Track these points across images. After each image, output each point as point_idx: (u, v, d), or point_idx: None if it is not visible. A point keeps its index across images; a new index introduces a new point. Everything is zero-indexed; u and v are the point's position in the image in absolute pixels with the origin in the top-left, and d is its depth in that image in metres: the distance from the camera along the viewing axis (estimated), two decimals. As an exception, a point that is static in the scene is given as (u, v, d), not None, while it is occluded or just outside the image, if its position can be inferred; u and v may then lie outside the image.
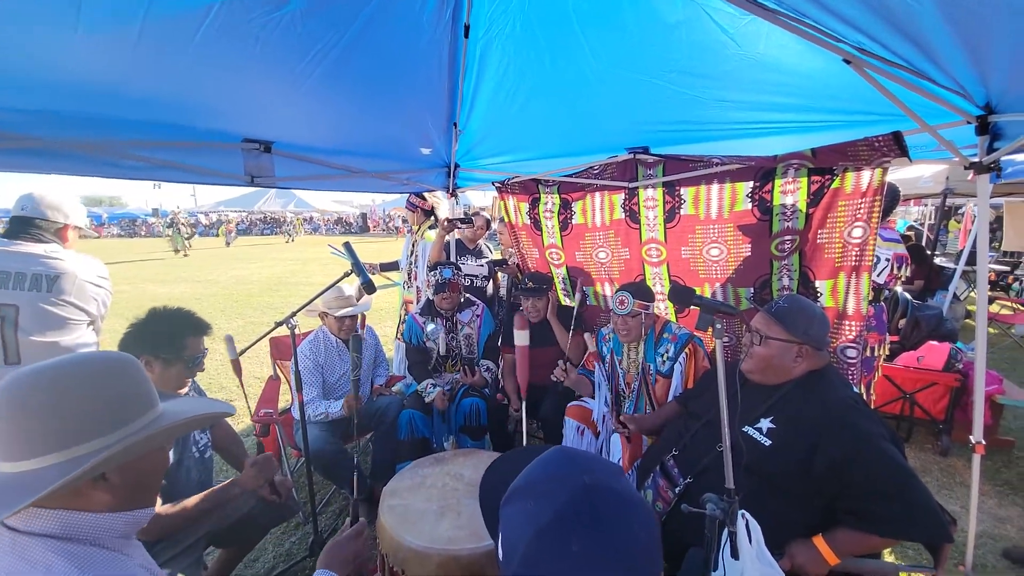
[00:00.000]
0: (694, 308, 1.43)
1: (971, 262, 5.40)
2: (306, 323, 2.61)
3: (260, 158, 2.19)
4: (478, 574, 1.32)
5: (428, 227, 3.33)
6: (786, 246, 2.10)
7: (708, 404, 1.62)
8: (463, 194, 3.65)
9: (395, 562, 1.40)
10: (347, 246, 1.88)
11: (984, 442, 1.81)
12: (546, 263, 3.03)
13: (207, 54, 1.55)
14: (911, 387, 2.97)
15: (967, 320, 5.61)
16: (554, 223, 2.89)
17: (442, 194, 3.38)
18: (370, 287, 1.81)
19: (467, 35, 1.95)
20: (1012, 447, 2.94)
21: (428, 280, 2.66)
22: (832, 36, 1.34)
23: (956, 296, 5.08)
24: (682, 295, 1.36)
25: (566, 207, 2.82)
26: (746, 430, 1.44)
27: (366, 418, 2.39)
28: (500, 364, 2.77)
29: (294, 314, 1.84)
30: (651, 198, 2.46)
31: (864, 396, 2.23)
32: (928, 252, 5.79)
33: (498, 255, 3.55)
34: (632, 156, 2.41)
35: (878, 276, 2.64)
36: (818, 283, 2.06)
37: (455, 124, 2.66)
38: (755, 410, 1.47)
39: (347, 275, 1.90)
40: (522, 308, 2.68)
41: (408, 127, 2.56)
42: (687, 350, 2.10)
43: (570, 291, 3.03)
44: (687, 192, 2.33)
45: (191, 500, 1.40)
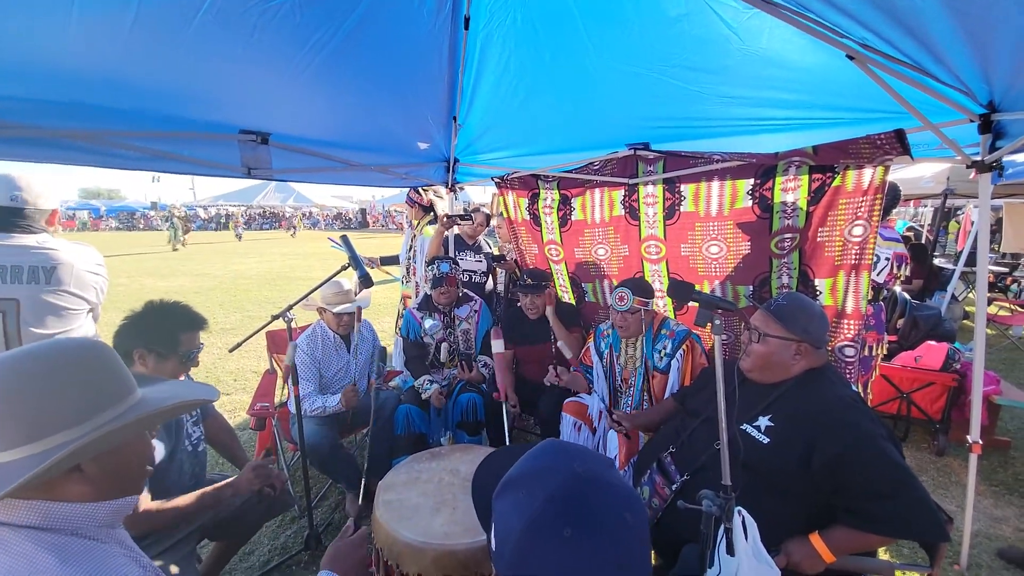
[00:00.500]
0: (692, 305, 1.43)
1: (970, 263, 5.40)
2: (304, 317, 2.60)
3: (257, 150, 2.17)
4: (473, 569, 1.32)
5: (427, 222, 3.32)
6: (786, 244, 2.09)
7: (706, 401, 1.61)
8: (463, 190, 3.64)
9: (390, 557, 1.39)
10: (344, 239, 1.87)
11: (981, 442, 1.82)
12: (545, 259, 3.02)
13: (203, 43, 1.53)
14: (908, 387, 2.97)
15: (965, 321, 5.62)
16: (553, 219, 2.88)
17: (442, 190, 3.37)
18: (367, 281, 1.80)
19: (467, 27, 1.93)
20: (1008, 447, 2.94)
21: (426, 275, 2.65)
22: (835, 31, 1.33)
23: (955, 297, 5.08)
24: (681, 290, 1.35)
25: (566, 203, 2.80)
26: (744, 428, 1.44)
27: (363, 413, 2.39)
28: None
29: (290, 307, 1.83)
30: (651, 195, 2.45)
31: (861, 395, 2.23)
32: (929, 252, 5.79)
33: (496, 251, 3.54)
34: (632, 152, 2.40)
35: (877, 275, 2.64)
36: (817, 281, 2.05)
37: (455, 118, 2.65)
38: (754, 408, 1.47)
39: (344, 268, 1.89)
40: (520, 304, 2.67)
41: (407, 120, 2.55)
42: (684, 346, 2.10)
43: (568, 287, 3.02)
44: (687, 189, 2.32)
45: (184, 499, 1.38)
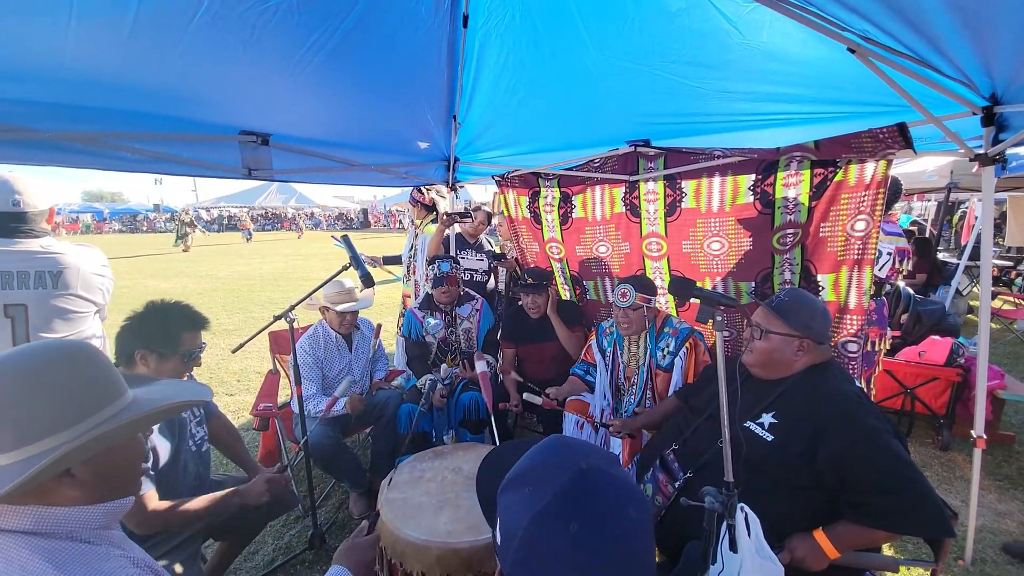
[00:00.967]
0: (694, 303, 1.42)
1: (974, 257, 5.38)
2: (306, 318, 2.60)
3: (257, 151, 2.17)
4: (476, 567, 1.32)
5: (430, 221, 3.33)
6: (788, 239, 2.08)
7: (709, 399, 1.61)
8: (463, 188, 3.64)
9: (393, 555, 1.40)
10: (345, 239, 1.87)
11: (985, 437, 1.81)
12: (546, 257, 3.02)
13: (202, 44, 1.53)
14: (912, 382, 2.96)
15: (969, 315, 5.59)
16: (554, 217, 2.87)
17: (443, 189, 3.37)
18: (368, 280, 1.80)
19: (466, 25, 1.93)
20: (1013, 442, 2.93)
21: (427, 274, 2.65)
22: (837, 24, 1.32)
23: (959, 291, 5.06)
24: (683, 287, 1.34)
25: (566, 201, 2.80)
26: (748, 425, 1.43)
27: (365, 412, 2.39)
28: (499, 358, 2.77)
29: (293, 308, 1.83)
30: (652, 191, 2.44)
31: (865, 390, 2.22)
32: (933, 246, 5.77)
33: (498, 249, 3.54)
34: (633, 149, 2.39)
35: (880, 270, 2.62)
36: (820, 277, 2.04)
37: (454, 117, 2.64)
38: (757, 405, 1.46)
39: (345, 268, 1.89)
40: (521, 303, 2.67)
41: (407, 120, 2.54)
42: (687, 344, 2.09)
43: (570, 285, 3.02)
44: (688, 185, 2.31)
45: (193, 503, 1.39)
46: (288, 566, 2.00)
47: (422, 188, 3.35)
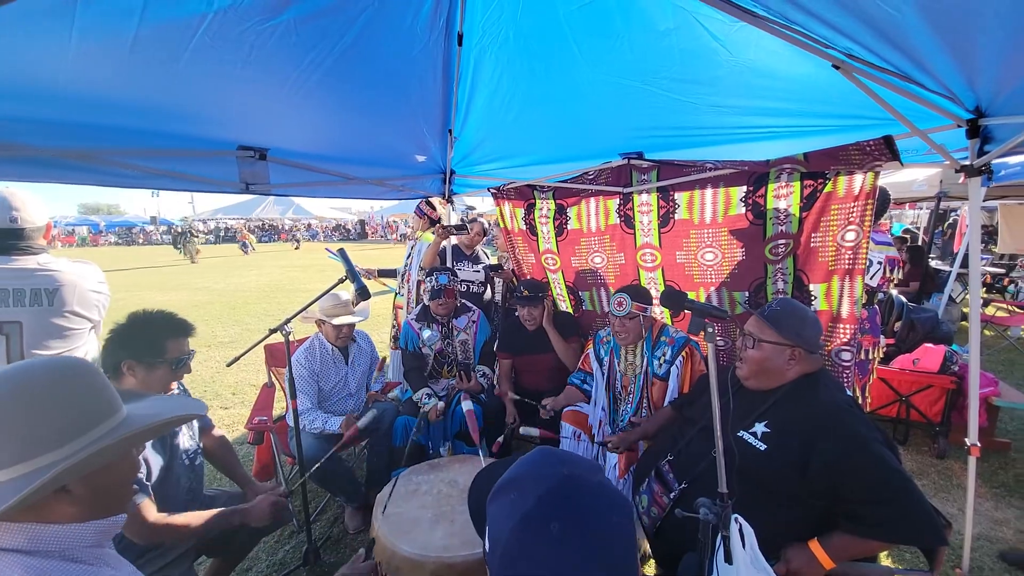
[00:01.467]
0: (688, 313, 1.43)
1: (966, 264, 5.43)
2: (303, 330, 2.60)
3: (255, 165, 2.19)
4: (472, 582, 1.31)
5: (428, 229, 3.33)
6: (780, 250, 2.11)
7: (703, 409, 1.62)
8: (462, 199, 3.66)
9: (389, 570, 1.39)
10: (342, 252, 1.88)
11: (980, 444, 1.82)
12: (542, 268, 3.04)
13: (201, 62, 1.56)
14: (907, 389, 2.97)
15: (963, 322, 5.62)
16: (550, 228, 2.90)
17: (448, 208, 3.38)
18: (364, 293, 1.81)
19: (460, 43, 1.96)
20: (1008, 449, 2.93)
21: (424, 285, 2.66)
22: (821, 42, 1.35)
23: (952, 298, 5.10)
24: (673, 299, 1.36)
25: (561, 212, 2.83)
26: (741, 435, 1.44)
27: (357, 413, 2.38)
28: (496, 370, 2.77)
29: (288, 321, 1.84)
30: (646, 203, 2.47)
31: (859, 399, 2.23)
32: (925, 254, 5.81)
33: (495, 260, 3.55)
34: (626, 161, 2.43)
35: (871, 279, 2.65)
36: (812, 287, 2.06)
37: (450, 131, 2.68)
38: (750, 415, 1.47)
39: (341, 281, 1.90)
40: (518, 314, 2.68)
41: (403, 134, 2.58)
42: (684, 353, 2.11)
43: (566, 296, 3.03)
44: (681, 197, 2.34)
45: (193, 518, 1.38)
46: (283, 583, 1.97)
47: (432, 203, 3.34)
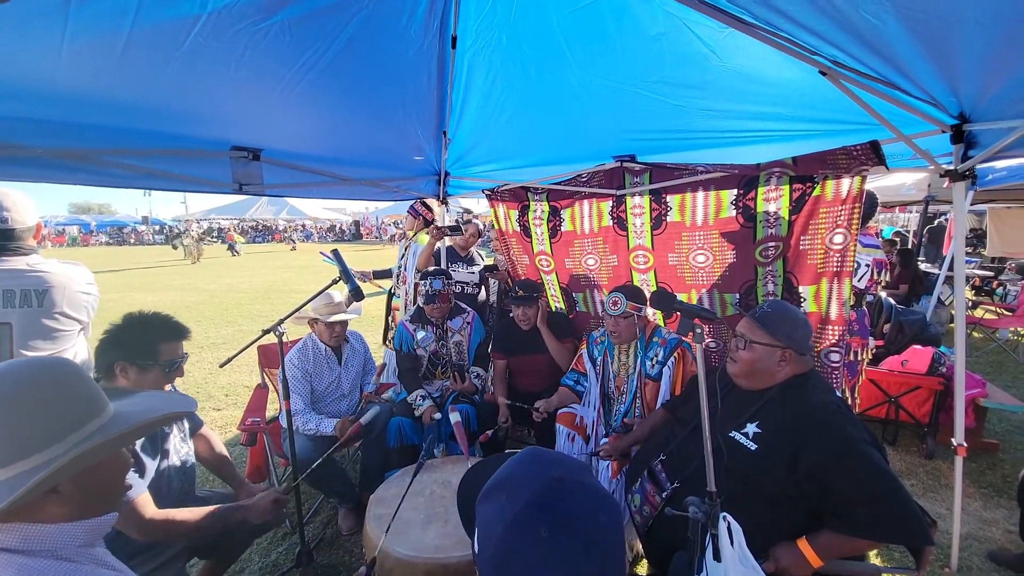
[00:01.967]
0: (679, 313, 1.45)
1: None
2: (296, 331, 2.59)
3: (249, 166, 2.19)
4: (464, 582, 1.32)
5: (422, 231, 3.34)
6: (770, 252, 2.13)
7: (695, 410, 1.63)
8: (458, 201, 3.67)
9: (381, 571, 1.39)
10: (335, 253, 1.88)
11: (966, 444, 1.84)
12: (536, 270, 3.05)
13: (195, 63, 1.56)
14: (896, 391, 3.01)
15: (951, 324, 5.70)
16: (543, 230, 2.91)
17: (442, 209, 3.40)
18: (358, 294, 1.81)
19: (455, 46, 1.98)
20: (997, 450, 2.98)
21: (419, 288, 2.66)
22: (807, 49, 1.38)
23: (940, 301, 5.17)
24: (663, 300, 1.38)
25: (555, 214, 2.84)
26: (732, 435, 1.46)
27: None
28: (490, 371, 2.77)
29: (282, 321, 1.83)
30: (638, 205, 2.50)
31: (849, 400, 2.26)
32: (915, 257, 5.90)
33: (491, 261, 3.56)
34: (619, 164, 2.45)
35: (859, 281, 2.69)
36: (801, 289, 2.09)
37: (444, 133, 2.69)
38: (741, 415, 1.49)
39: (335, 282, 1.91)
40: (513, 314, 2.70)
41: (398, 136, 2.58)
42: (676, 354, 2.13)
43: (560, 297, 3.05)
44: (673, 199, 2.37)
45: (192, 514, 1.37)
46: (275, 584, 1.96)
47: (427, 203, 3.35)
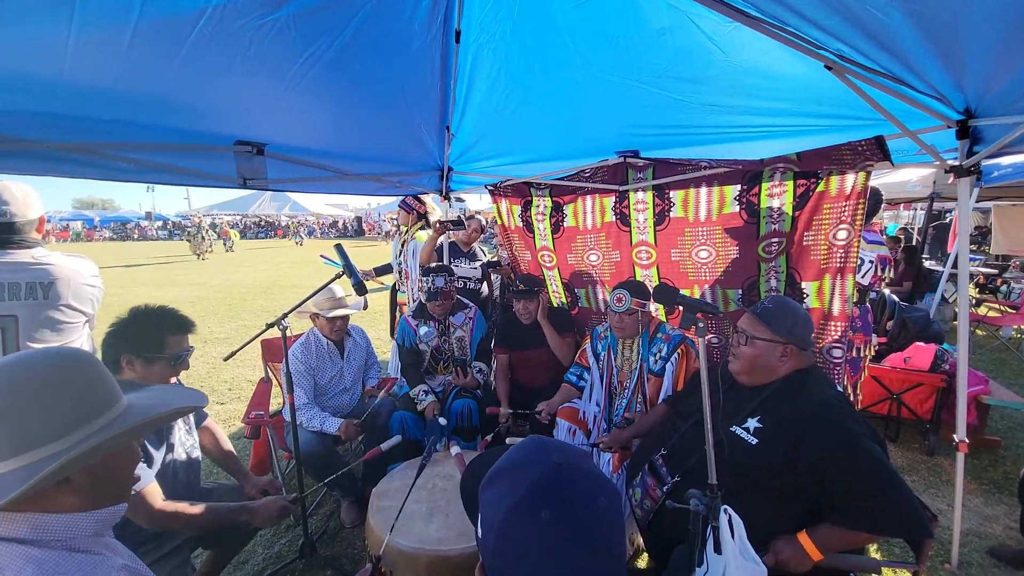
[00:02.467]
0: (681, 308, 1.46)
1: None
2: (299, 325, 2.61)
3: (253, 160, 2.19)
4: (466, 574, 1.33)
5: (419, 228, 3.34)
6: (773, 248, 2.13)
7: (698, 404, 1.63)
8: (460, 197, 3.67)
9: (385, 564, 1.40)
10: (338, 248, 1.89)
11: (968, 441, 1.85)
12: (538, 265, 3.05)
13: (200, 57, 1.56)
14: (898, 387, 3.01)
15: (955, 322, 5.67)
16: (546, 226, 2.91)
17: (436, 201, 3.41)
18: (361, 288, 1.82)
19: (458, 41, 1.97)
20: (998, 447, 2.98)
21: (420, 284, 2.67)
22: (813, 43, 1.37)
23: (944, 298, 5.15)
24: (666, 294, 1.38)
25: (558, 210, 2.84)
26: (734, 429, 1.46)
27: (357, 419, 2.39)
28: (492, 366, 2.78)
29: (285, 316, 1.85)
30: (641, 201, 2.49)
31: (851, 396, 2.26)
32: (919, 254, 5.87)
33: (493, 256, 3.57)
34: (622, 159, 2.44)
35: (862, 278, 2.68)
36: (804, 284, 2.09)
37: (448, 128, 2.68)
38: (742, 410, 1.49)
39: (338, 277, 1.91)
40: (514, 308, 2.70)
41: (401, 130, 2.58)
42: (679, 350, 2.13)
43: (561, 293, 3.05)
44: (676, 195, 2.36)
45: (200, 510, 1.39)
46: (278, 575, 1.98)
47: (419, 196, 3.37)
